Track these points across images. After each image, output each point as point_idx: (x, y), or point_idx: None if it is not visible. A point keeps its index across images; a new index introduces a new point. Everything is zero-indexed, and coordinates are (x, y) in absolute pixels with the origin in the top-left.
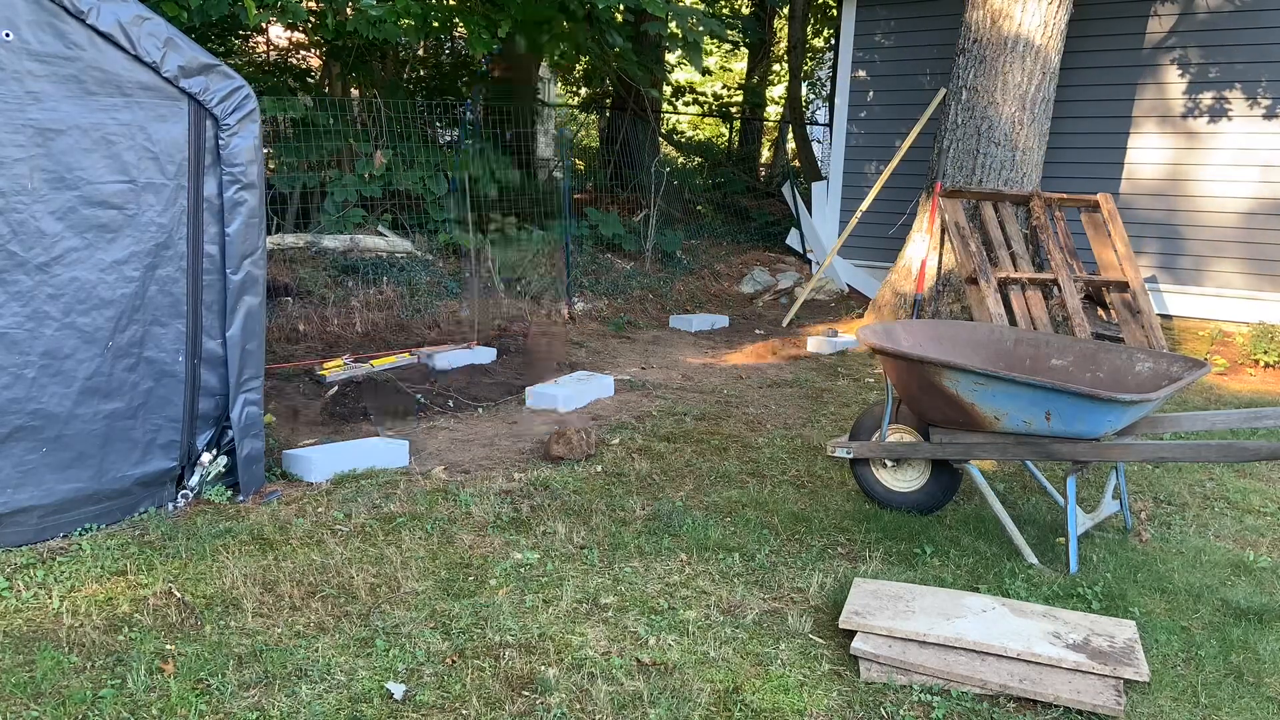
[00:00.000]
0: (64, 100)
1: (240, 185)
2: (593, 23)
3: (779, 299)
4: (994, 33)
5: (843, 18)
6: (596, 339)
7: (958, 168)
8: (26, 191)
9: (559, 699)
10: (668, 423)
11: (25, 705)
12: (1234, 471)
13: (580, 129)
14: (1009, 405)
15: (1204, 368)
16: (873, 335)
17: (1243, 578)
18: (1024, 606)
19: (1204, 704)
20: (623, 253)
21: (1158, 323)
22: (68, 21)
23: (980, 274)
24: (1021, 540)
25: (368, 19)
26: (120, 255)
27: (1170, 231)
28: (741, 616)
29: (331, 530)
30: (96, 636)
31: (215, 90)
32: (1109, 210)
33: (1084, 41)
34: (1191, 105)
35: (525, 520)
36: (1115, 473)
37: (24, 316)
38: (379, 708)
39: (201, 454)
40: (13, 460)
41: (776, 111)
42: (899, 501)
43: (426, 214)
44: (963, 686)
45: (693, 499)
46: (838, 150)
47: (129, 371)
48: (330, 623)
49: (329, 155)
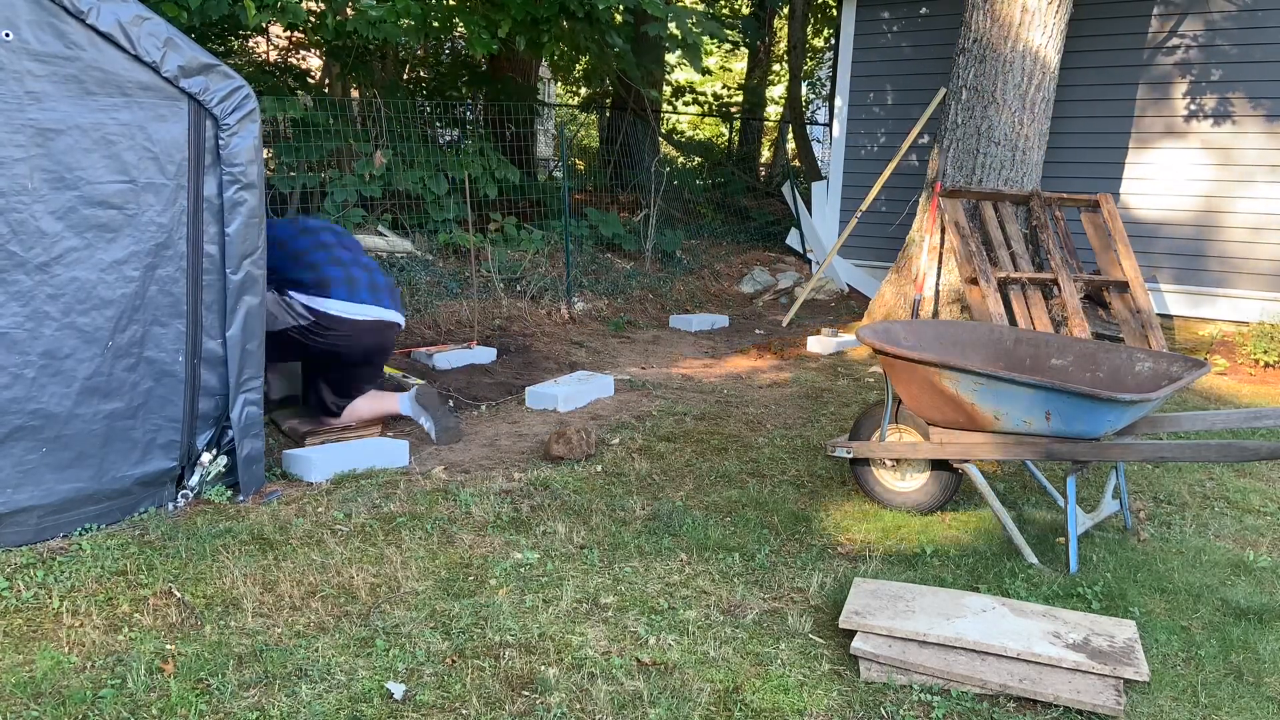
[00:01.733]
0: (64, 100)
1: (240, 185)
2: (592, 23)
3: (779, 299)
4: (994, 32)
5: (843, 18)
6: (596, 339)
7: (958, 168)
8: (26, 191)
9: (559, 699)
10: (668, 422)
11: (25, 705)
12: (1234, 471)
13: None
14: (1009, 405)
15: (1204, 368)
16: (873, 335)
17: (1243, 577)
18: (1024, 606)
19: (1204, 704)
20: (623, 253)
21: (1158, 323)
22: (68, 21)
23: (980, 274)
24: (1021, 540)
25: (368, 19)
26: (120, 255)
27: (1170, 231)
28: (741, 616)
29: (331, 530)
30: (96, 636)
31: (215, 90)
32: (1109, 210)
33: (1084, 41)
34: (1192, 105)
35: (525, 520)
36: (1115, 472)
37: (24, 316)
38: (379, 708)
39: (201, 454)
40: (12, 460)
41: (776, 111)
42: (899, 501)
43: (426, 214)
44: (963, 686)
45: (693, 499)
46: (838, 150)
47: (129, 371)
48: (330, 623)
49: (329, 155)
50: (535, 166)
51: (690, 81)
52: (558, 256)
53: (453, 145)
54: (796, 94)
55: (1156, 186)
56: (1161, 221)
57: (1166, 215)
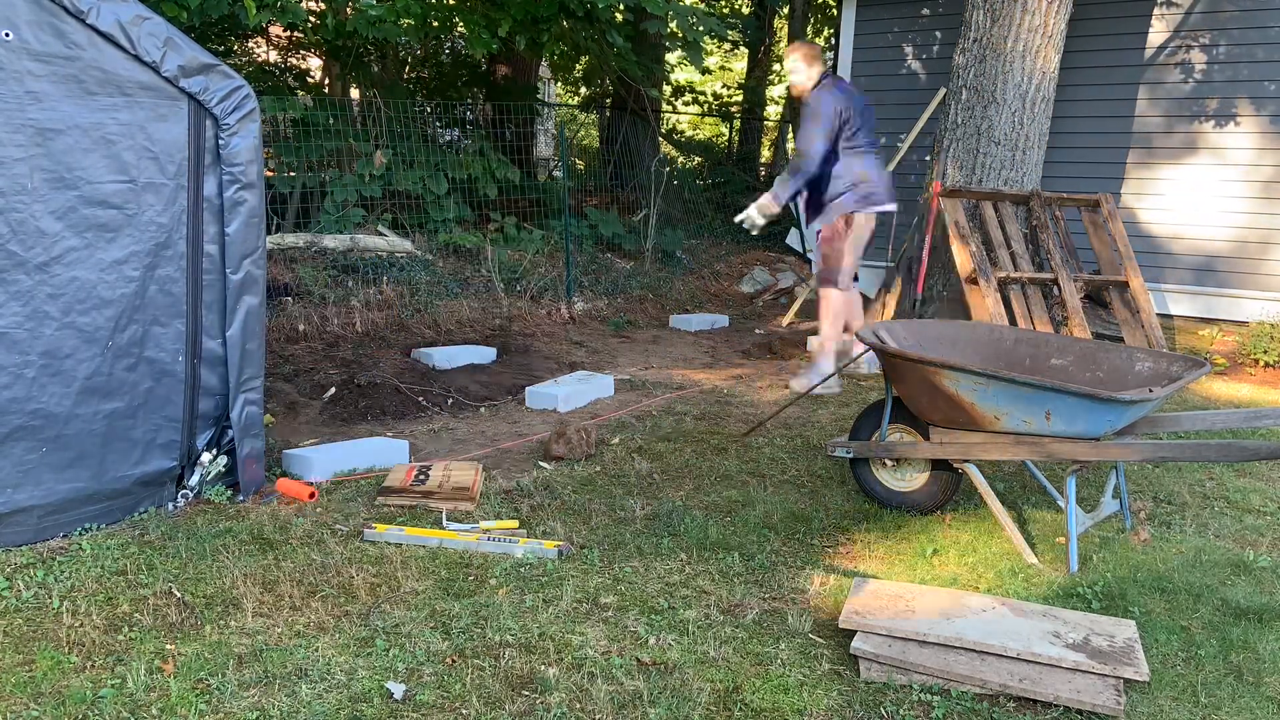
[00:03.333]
0: (64, 100)
1: (240, 185)
2: (592, 22)
3: (779, 299)
4: (994, 32)
5: (843, 18)
6: (596, 339)
7: (958, 167)
8: (26, 191)
9: (559, 698)
10: (668, 422)
11: (25, 705)
12: (1234, 471)
13: (580, 129)
14: (1009, 405)
15: (1204, 368)
16: (872, 335)
17: (1243, 577)
18: (1024, 606)
19: (1204, 703)
20: (623, 252)
21: (1157, 322)
22: (67, 21)
23: (980, 274)
24: (1021, 540)
25: (367, 19)
26: (120, 255)
27: (1171, 231)
28: (741, 616)
29: (331, 530)
30: (96, 636)
31: (215, 90)
32: (1109, 210)
33: (1084, 41)
34: (1193, 105)
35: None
36: (1115, 472)
37: (24, 316)
38: (379, 707)
39: (201, 454)
40: (12, 460)
41: (776, 111)
42: (899, 501)
43: (426, 214)
44: (962, 686)
45: (693, 499)
46: None
47: (129, 371)
48: (330, 622)
49: (329, 155)
50: (535, 166)
51: (690, 81)
52: (558, 256)
53: (453, 145)
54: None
55: (1157, 186)
56: (1162, 221)
57: (1167, 215)
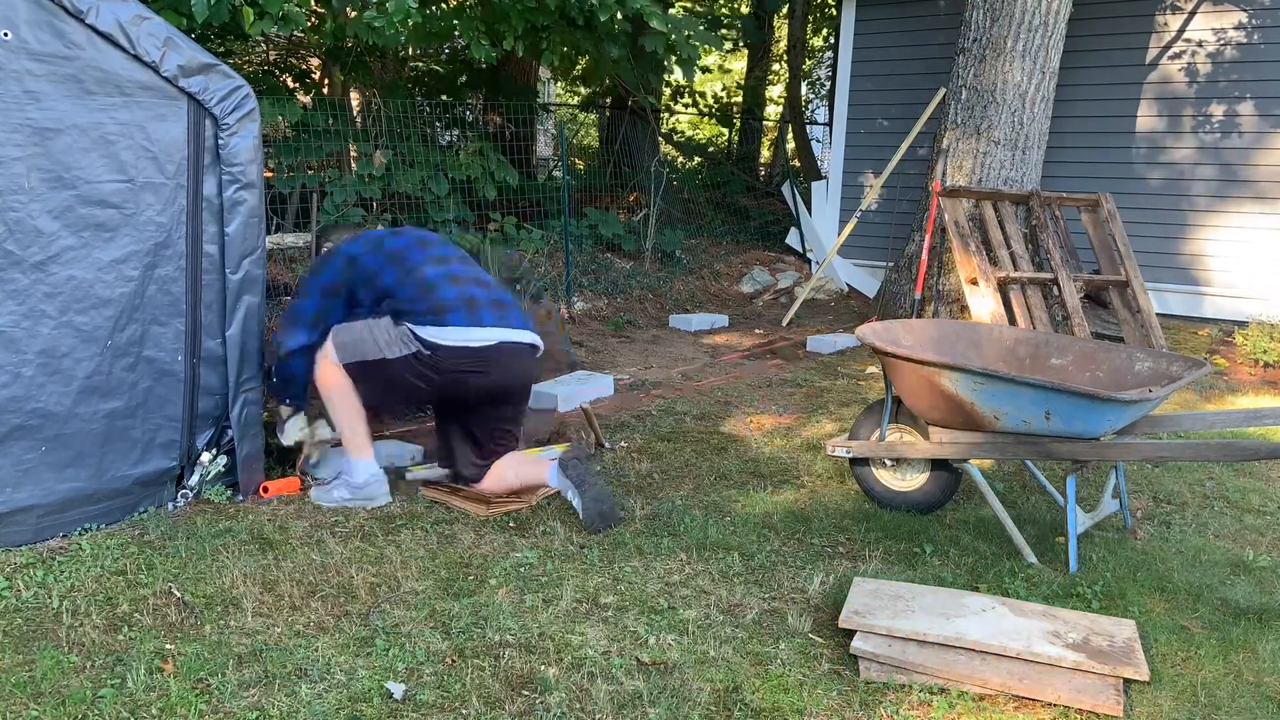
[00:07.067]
0: (62, 99)
1: (240, 185)
2: (592, 30)
3: (779, 298)
4: (994, 32)
5: (843, 18)
6: (596, 338)
7: (957, 167)
8: (24, 190)
9: (559, 698)
10: (667, 422)
11: (25, 705)
12: (1234, 471)
13: (580, 129)
14: (1008, 405)
15: (1204, 367)
16: (873, 335)
17: (1242, 577)
18: (1024, 606)
19: (1204, 703)
20: (622, 252)
21: (1157, 322)
22: (67, 21)
23: (980, 274)
24: (1021, 540)
25: (368, 26)
26: (119, 254)
27: (1171, 231)
28: (741, 616)
29: (331, 530)
30: (96, 636)
31: (215, 90)
32: (1109, 209)
33: (1085, 41)
34: (1194, 105)
35: (525, 520)
36: (1115, 472)
37: (20, 315)
38: (379, 707)
39: (201, 453)
40: (12, 460)
41: (776, 111)
42: (899, 501)
43: (426, 214)
44: (962, 686)
45: (693, 498)
46: (837, 150)
47: (128, 371)
48: (330, 622)
49: (328, 156)
50: (535, 166)
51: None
52: (557, 256)
53: (452, 146)
54: (796, 94)
55: (1157, 186)
56: (1162, 221)
57: (1167, 214)
